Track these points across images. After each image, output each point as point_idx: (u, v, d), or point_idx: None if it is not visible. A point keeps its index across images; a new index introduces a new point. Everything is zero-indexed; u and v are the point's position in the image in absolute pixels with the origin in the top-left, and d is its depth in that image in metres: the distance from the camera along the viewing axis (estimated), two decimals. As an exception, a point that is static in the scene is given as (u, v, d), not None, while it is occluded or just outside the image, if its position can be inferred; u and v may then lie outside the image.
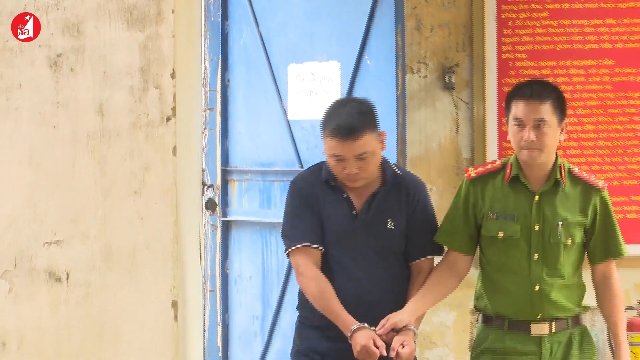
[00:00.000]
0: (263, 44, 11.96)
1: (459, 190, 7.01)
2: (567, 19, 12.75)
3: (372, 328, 6.70)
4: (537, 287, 6.61)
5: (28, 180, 9.28)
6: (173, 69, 9.51)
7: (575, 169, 6.70)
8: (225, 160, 12.99)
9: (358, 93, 11.53)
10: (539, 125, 6.50)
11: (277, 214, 11.38)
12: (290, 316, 12.03)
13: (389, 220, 6.93)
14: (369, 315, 6.81)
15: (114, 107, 9.47)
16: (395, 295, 7.07)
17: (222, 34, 12.33)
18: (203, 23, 12.05)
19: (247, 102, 12.28)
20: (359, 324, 6.70)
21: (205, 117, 12.30)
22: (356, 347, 6.60)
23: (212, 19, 12.33)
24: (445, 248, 7.31)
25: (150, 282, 9.36)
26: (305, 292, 7.22)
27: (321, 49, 11.76)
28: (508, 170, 6.70)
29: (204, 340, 12.31)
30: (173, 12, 9.29)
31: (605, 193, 6.70)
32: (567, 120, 6.74)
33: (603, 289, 6.62)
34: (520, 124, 6.53)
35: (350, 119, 6.73)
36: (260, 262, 13.10)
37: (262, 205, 12.85)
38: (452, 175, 12.44)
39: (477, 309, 6.95)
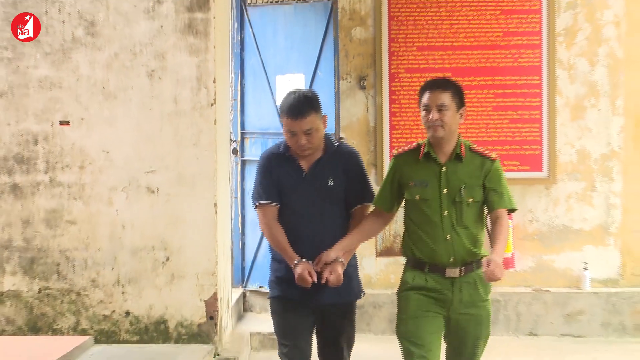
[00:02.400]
0: (262, 64, 11.94)
1: (389, 166, 6.74)
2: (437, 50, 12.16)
3: (310, 262, 6.52)
4: (448, 237, 6.26)
5: (136, 139, 9.42)
6: (214, 78, 9.54)
7: (474, 146, 6.42)
8: (242, 126, 12.52)
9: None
10: (440, 109, 6.24)
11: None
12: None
13: (329, 178, 6.69)
14: (319, 246, 6.55)
15: (183, 98, 9.59)
16: (336, 232, 6.70)
17: (241, 58, 12.16)
18: (230, 53, 11.54)
19: (254, 95, 12.12)
20: (299, 258, 6.55)
21: (232, 103, 11.77)
22: (296, 276, 6.48)
23: (235, 50, 12.04)
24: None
25: (202, 192, 9.55)
26: (264, 235, 7.16)
27: (294, 67, 11.74)
28: (422, 149, 6.40)
29: (231, 225, 12.05)
30: (215, 47, 9.59)
31: (497, 162, 6.40)
32: (464, 108, 6.45)
33: (494, 223, 6.22)
34: (427, 109, 6.27)
35: (299, 103, 6.57)
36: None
37: (262, 151, 10.95)
38: (364, 135, 12.07)
39: (404, 255, 6.52)
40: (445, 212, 6.29)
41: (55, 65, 9.68)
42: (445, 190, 6.30)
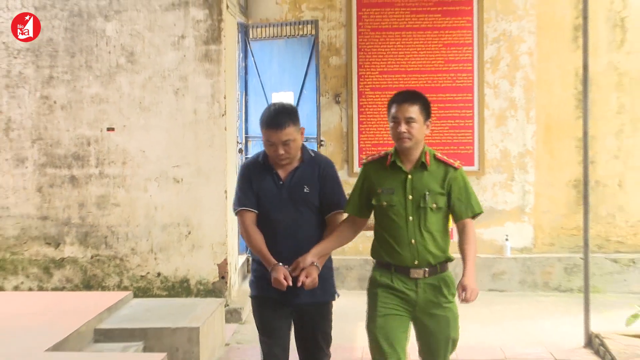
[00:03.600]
0: (261, 84, 11.80)
1: (359, 174, 5.73)
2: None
3: (286, 266, 5.55)
4: (412, 241, 5.37)
5: (165, 142, 9.43)
6: (225, 95, 9.57)
7: (439, 154, 5.55)
8: (246, 131, 12.10)
9: (300, 109, 11.22)
10: (409, 121, 5.36)
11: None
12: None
13: (305, 186, 5.73)
14: (296, 250, 5.58)
15: (200, 110, 9.55)
16: (311, 237, 5.72)
17: (245, 80, 11.95)
18: (237, 75, 11.46)
19: (255, 108, 11.79)
20: (276, 263, 5.58)
21: (238, 114, 11.40)
22: (272, 280, 5.56)
23: (241, 74, 11.81)
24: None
25: (215, 182, 9.55)
26: (244, 240, 6.18)
27: (285, 86, 11.58)
28: (389, 158, 5.51)
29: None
30: (225, 71, 9.59)
31: (461, 170, 5.52)
32: (431, 120, 5.55)
33: (461, 235, 5.38)
34: (396, 120, 5.41)
35: (277, 115, 5.66)
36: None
37: (259, 149, 11.61)
38: (339, 138, 11.88)
39: (372, 257, 5.65)
40: (410, 218, 5.40)
41: (103, 85, 9.73)
42: (410, 197, 5.40)
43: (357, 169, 11.70)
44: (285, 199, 5.70)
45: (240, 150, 11.52)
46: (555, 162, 11.99)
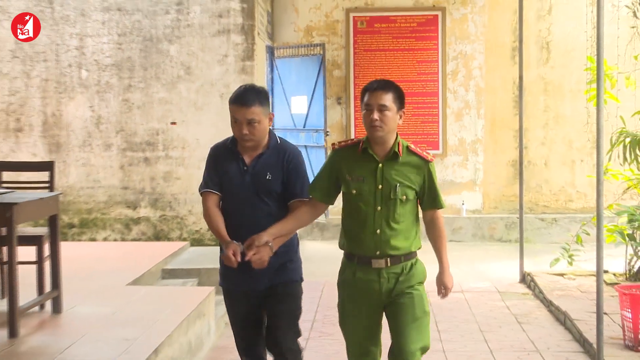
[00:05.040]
0: (283, 90, 11.67)
1: (328, 158, 4.41)
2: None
3: (239, 243, 4.11)
4: (377, 231, 4.11)
5: (213, 132, 9.22)
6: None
7: (412, 146, 4.29)
8: (273, 126, 11.90)
9: (312, 108, 11.43)
10: (382, 109, 4.06)
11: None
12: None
13: (268, 173, 4.26)
14: (254, 233, 4.11)
15: None
16: (271, 222, 4.19)
17: (271, 87, 11.68)
18: (265, 83, 11.08)
19: (279, 108, 11.50)
20: (229, 240, 4.18)
21: None
22: (224, 257, 4.19)
23: (268, 82, 11.56)
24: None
25: None
26: (205, 221, 4.56)
27: (301, 92, 11.47)
28: (361, 145, 4.17)
29: None
30: (256, 80, 9.46)
31: (432, 164, 4.29)
32: (404, 110, 4.25)
33: (431, 228, 4.29)
34: (369, 108, 4.08)
35: (246, 93, 4.20)
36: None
37: (286, 137, 11.58)
38: (340, 130, 11.80)
39: (340, 248, 4.37)
40: (379, 208, 4.09)
41: (168, 91, 9.69)
42: (380, 187, 4.08)
43: (353, 152, 11.76)
44: (247, 184, 4.23)
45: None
46: (498, 147, 11.98)
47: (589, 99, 7.62)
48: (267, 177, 4.18)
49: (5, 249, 5.80)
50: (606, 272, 7.64)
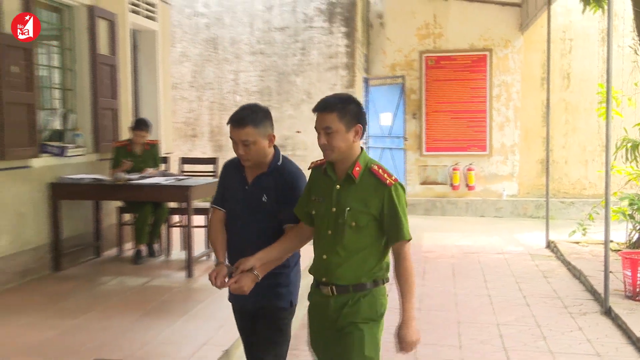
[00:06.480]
0: (375, 108, 11.35)
1: (308, 178, 2.83)
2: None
3: (228, 265, 2.81)
4: (324, 256, 2.60)
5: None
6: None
7: (374, 167, 2.54)
8: (367, 134, 11.15)
9: (395, 121, 11.10)
10: (327, 132, 2.49)
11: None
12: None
13: (264, 194, 2.85)
14: (249, 254, 2.73)
15: None
16: (264, 243, 2.76)
17: (367, 106, 11.07)
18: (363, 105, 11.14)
19: (372, 121, 11.05)
20: (219, 261, 2.84)
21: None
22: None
23: (365, 103, 11.05)
24: None
25: None
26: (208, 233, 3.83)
27: (387, 109, 11.19)
28: (324, 165, 2.66)
29: None
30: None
31: (393, 188, 2.50)
32: (359, 125, 2.51)
33: (396, 265, 2.55)
34: (317, 131, 2.57)
35: (240, 114, 2.82)
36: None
37: (375, 142, 11.68)
38: (416, 138, 11.50)
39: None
40: (329, 232, 2.59)
41: (294, 109, 9.79)
42: (333, 210, 2.58)
43: (424, 151, 11.66)
44: (246, 203, 2.91)
45: (363, 142, 11.26)
46: (530, 150, 11.63)
47: (600, 115, 7.43)
48: (263, 199, 2.84)
49: (185, 217, 6.08)
50: (611, 241, 7.35)
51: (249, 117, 2.77)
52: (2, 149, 4.94)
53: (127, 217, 6.50)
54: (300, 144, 9.78)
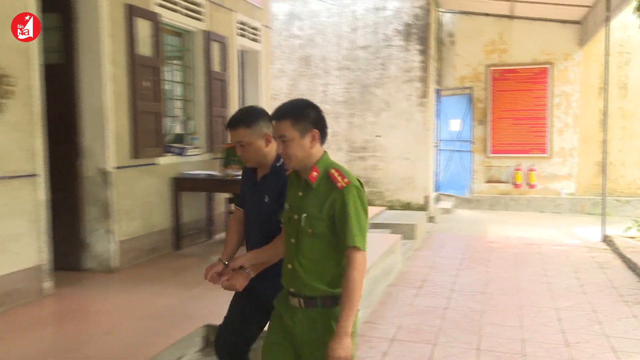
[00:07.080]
0: (446, 116, 11.12)
1: None
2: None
3: (225, 263, 2.43)
4: (289, 266, 2.06)
5: (403, 142, 9.19)
6: (429, 121, 9.28)
7: (332, 171, 2.01)
8: (438, 137, 10.99)
9: (463, 127, 10.79)
10: (282, 140, 2.02)
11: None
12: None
13: (266, 195, 2.43)
14: (251, 249, 2.48)
15: (418, 128, 8.97)
16: (267, 242, 2.37)
17: (438, 114, 11.06)
18: (434, 112, 10.57)
19: (442, 127, 11.08)
20: (219, 258, 2.48)
21: (434, 129, 10.58)
22: None
23: (436, 111, 10.94)
24: None
25: (424, 160, 8.82)
26: None
27: (456, 116, 10.90)
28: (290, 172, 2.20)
29: (433, 170, 11.62)
30: (429, 110, 9.30)
31: (344, 191, 1.95)
32: (317, 128, 2.05)
33: (344, 273, 1.94)
34: (275, 140, 2.10)
35: (236, 115, 2.46)
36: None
37: (445, 146, 11.52)
38: (482, 141, 11.28)
39: None
40: (292, 240, 2.08)
41: (375, 116, 9.73)
42: (295, 217, 2.07)
43: (489, 153, 11.38)
44: (253, 202, 2.55)
45: (435, 146, 11.15)
46: (588, 153, 11.11)
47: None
48: (265, 200, 2.48)
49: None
50: (665, 237, 7.02)
51: (241, 119, 2.46)
52: (136, 149, 5.14)
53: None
54: (379, 147, 9.73)
